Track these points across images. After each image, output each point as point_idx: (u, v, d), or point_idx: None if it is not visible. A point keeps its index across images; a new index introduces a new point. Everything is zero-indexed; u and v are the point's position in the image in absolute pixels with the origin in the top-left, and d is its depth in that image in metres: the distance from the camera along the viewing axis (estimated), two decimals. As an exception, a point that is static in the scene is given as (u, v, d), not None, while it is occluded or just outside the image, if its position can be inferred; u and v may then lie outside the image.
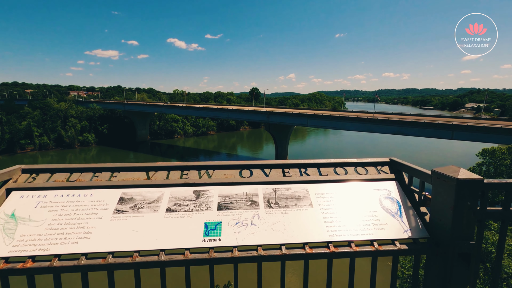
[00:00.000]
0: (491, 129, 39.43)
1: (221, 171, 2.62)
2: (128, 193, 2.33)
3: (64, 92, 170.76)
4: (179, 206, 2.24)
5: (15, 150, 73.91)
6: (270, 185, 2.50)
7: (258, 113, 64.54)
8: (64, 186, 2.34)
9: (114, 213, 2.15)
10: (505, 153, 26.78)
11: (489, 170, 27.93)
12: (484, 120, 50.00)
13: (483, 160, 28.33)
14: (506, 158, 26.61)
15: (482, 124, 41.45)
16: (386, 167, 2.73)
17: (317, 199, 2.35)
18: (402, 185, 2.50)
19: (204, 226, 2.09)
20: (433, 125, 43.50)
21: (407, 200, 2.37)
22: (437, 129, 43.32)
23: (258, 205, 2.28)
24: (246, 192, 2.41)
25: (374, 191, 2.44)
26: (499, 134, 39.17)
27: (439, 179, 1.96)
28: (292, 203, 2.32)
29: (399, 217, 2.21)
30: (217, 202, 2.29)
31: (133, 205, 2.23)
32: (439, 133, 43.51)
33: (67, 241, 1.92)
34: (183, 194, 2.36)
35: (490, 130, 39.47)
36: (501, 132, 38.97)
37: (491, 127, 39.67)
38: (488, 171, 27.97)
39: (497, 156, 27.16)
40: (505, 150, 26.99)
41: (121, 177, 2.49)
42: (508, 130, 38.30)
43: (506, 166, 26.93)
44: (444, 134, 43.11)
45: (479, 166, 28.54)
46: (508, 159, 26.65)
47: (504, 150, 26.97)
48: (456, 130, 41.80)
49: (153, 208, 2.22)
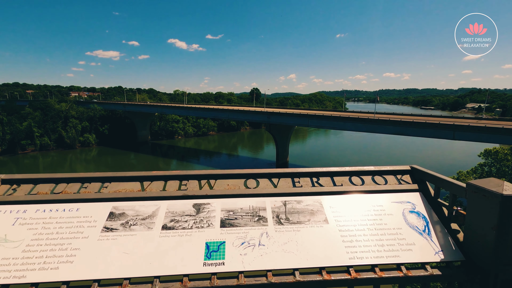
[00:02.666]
0: (493, 129, 39.06)
1: (223, 181, 2.36)
2: (119, 207, 2.06)
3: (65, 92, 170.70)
4: (176, 223, 1.97)
5: (16, 151, 73.66)
6: (279, 197, 2.23)
7: (258, 113, 64.18)
8: (47, 200, 2.07)
9: (103, 232, 1.88)
10: (508, 154, 26.50)
11: (491, 171, 27.68)
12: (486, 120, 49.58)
13: (485, 161, 28.07)
14: (508, 159, 26.34)
15: (484, 125, 41.06)
16: (407, 175, 2.46)
17: (332, 214, 2.08)
18: (427, 197, 2.23)
19: (205, 246, 1.82)
20: (435, 125, 43.14)
21: (434, 215, 2.09)
22: (438, 129, 42.97)
23: (266, 221, 2.01)
24: (252, 205, 2.14)
25: (397, 204, 2.17)
26: (500, 134, 38.82)
27: (477, 193, 1.69)
28: (305, 218, 2.05)
29: (428, 235, 1.94)
30: (220, 218, 2.03)
31: (125, 221, 1.96)
32: (440, 133, 43.16)
33: (47, 266, 1.66)
34: (182, 208, 2.09)
35: (492, 131, 39.11)
36: (503, 133, 38.63)
37: (493, 127, 39.30)
38: (490, 172, 27.71)
39: (500, 156, 26.88)
40: (508, 151, 26.71)
41: (112, 188, 2.22)
42: (510, 130, 37.93)
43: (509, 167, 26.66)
44: (446, 135, 42.77)
45: (481, 166, 28.29)
46: (511, 160, 26.37)
47: (507, 151, 26.69)
48: (458, 130, 41.47)
49: (147, 225, 1.95)
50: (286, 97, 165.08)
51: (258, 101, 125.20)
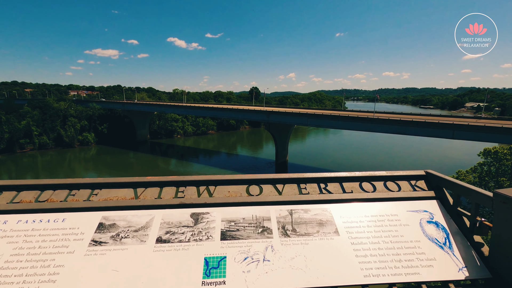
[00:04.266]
0: (492, 128, 38.99)
1: (224, 188, 2.18)
2: (109, 217, 1.88)
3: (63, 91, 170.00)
4: (172, 235, 1.79)
5: (15, 150, 73.31)
6: (284, 205, 2.05)
7: (258, 112, 63.93)
8: (31, 209, 1.89)
9: (90, 245, 1.70)
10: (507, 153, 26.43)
11: (490, 170, 27.63)
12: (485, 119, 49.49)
13: (485, 160, 28.03)
14: (508, 159, 26.27)
15: (483, 124, 40.96)
16: (422, 181, 2.28)
17: (343, 224, 1.91)
18: (445, 206, 2.06)
19: (204, 262, 1.64)
20: (434, 124, 43.04)
21: (455, 226, 1.92)
22: (437, 128, 42.89)
23: (271, 233, 1.83)
24: (255, 215, 1.96)
25: (413, 213, 1.99)
26: (500, 133, 38.77)
27: (507, 203, 1.52)
28: (313, 229, 1.87)
29: (449, 249, 1.77)
30: (220, 229, 1.85)
31: (115, 233, 1.78)
32: (439, 132, 43.08)
33: (26, 286, 1.47)
34: (178, 218, 1.91)
35: (491, 130, 39.04)
36: (502, 132, 38.57)
37: (492, 126, 39.23)
38: (490, 171, 27.66)
39: (499, 156, 26.83)
40: (507, 150, 26.65)
41: (102, 196, 2.04)
42: (509, 129, 37.86)
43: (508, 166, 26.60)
44: (445, 134, 42.69)
45: (480, 166, 28.24)
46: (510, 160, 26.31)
47: (506, 151, 26.63)
48: (457, 130, 41.40)
49: (140, 237, 1.77)
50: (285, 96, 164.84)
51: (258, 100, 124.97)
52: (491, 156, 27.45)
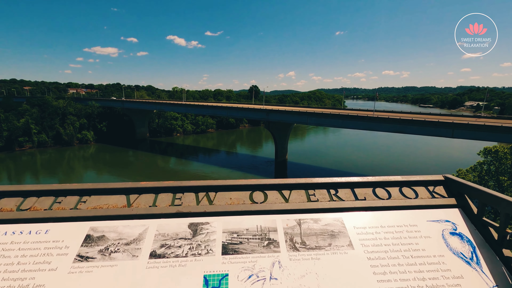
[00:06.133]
0: (492, 127, 38.89)
1: (225, 194, 1.99)
2: (98, 228, 1.69)
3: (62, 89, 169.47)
4: (168, 249, 1.61)
5: (14, 148, 72.95)
6: (291, 214, 1.86)
7: (257, 111, 63.67)
8: (11, 219, 1.70)
9: (76, 261, 1.51)
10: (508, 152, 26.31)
11: (490, 169, 27.52)
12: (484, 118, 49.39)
13: (484, 159, 27.93)
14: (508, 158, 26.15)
15: (483, 123, 40.85)
16: (440, 187, 2.10)
17: (358, 236, 1.72)
18: (469, 215, 1.87)
19: (204, 281, 1.45)
20: (433, 123, 42.93)
21: (481, 238, 1.73)
22: (437, 127, 42.76)
23: (278, 246, 1.65)
24: (260, 225, 1.77)
25: (434, 223, 1.81)
26: (499, 132, 38.69)
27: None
28: (325, 242, 1.68)
29: (477, 265, 1.58)
30: (221, 242, 1.66)
31: (104, 247, 1.59)
32: (439, 131, 42.95)
33: (0, 310, 1.29)
34: (175, 229, 1.72)
35: (491, 129, 38.95)
36: (502, 131, 38.48)
37: (492, 125, 39.13)
38: (489, 170, 27.55)
39: (500, 155, 26.71)
40: (508, 149, 26.54)
41: (91, 203, 1.85)
42: (509, 128, 37.76)
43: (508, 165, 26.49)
44: (444, 133, 42.57)
45: (480, 165, 28.13)
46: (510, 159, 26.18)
47: (507, 150, 26.51)
48: (457, 129, 41.30)
49: (132, 251, 1.58)
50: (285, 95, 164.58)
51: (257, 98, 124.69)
52: (492, 155, 27.33)
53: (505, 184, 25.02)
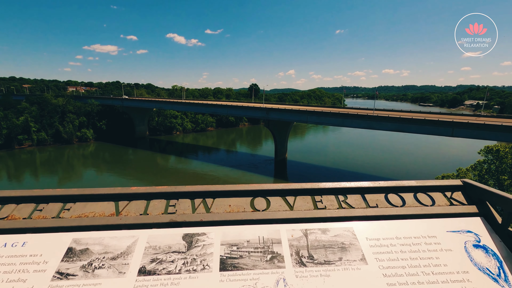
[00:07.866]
0: (492, 126, 38.79)
1: (224, 200, 1.81)
2: (82, 241, 1.52)
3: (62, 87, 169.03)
4: (160, 264, 1.43)
5: (13, 146, 72.72)
6: (297, 223, 1.68)
7: (257, 109, 63.44)
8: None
9: (54, 279, 1.34)
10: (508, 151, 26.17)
11: (490, 168, 27.39)
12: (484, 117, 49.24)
13: (485, 158, 27.80)
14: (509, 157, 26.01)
15: (483, 122, 40.72)
16: (459, 193, 1.92)
17: (371, 250, 1.54)
18: (492, 225, 1.70)
19: (199, 302, 1.28)
20: (433, 122, 42.81)
21: (507, 250, 1.56)
22: (437, 126, 42.64)
23: (283, 261, 1.47)
24: (262, 236, 1.60)
25: (455, 235, 1.63)
26: (499, 131, 38.60)
27: None
28: (335, 256, 1.51)
29: (505, 282, 1.41)
30: (219, 256, 1.48)
31: (87, 262, 1.42)
32: (439, 130, 42.83)
33: None
34: (168, 241, 1.55)
35: (491, 128, 38.85)
36: (502, 130, 38.37)
37: (492, 124, 39.04)
38: (490, 169, 27.43)
39: (501, 154, 26.58)
40: (508, 148, 26.39)
41: (76, 211, 1.67)
42: (509, 127, 37.63)
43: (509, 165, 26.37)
44: (444, 131, 42.45)
45: (480, 164, 28.00)
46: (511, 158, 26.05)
47: (507, 149, 26.37)
48: (456, 127, 41.20)
49: (118, 267, 1.41)
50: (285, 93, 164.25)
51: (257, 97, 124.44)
52: (492, 154, 27.20)
53: (506, 183, 24.88)
